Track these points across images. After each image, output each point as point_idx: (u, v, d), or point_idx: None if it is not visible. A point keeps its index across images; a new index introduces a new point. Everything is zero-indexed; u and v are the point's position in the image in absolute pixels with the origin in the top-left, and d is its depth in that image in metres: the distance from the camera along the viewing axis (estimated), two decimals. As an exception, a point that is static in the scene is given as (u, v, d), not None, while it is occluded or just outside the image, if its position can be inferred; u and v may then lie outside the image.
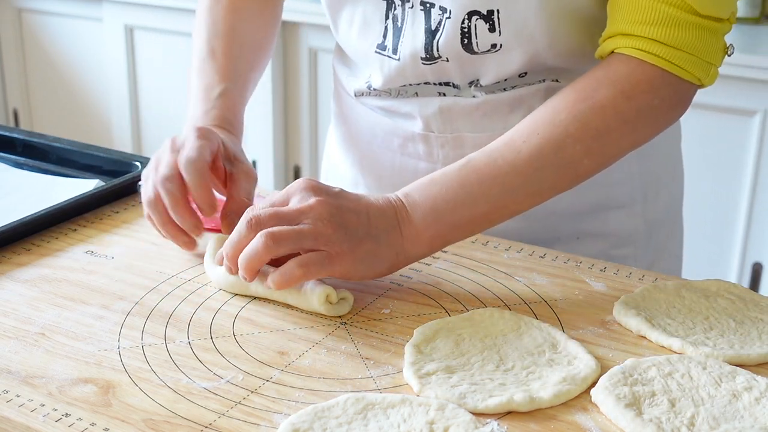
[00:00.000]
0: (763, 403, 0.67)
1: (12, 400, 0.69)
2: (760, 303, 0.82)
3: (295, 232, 0.77)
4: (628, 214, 1.04)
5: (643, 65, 0.84)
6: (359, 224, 0.79)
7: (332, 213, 0.78)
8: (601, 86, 0.84)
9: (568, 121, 0.84)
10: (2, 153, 1.17)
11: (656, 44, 0.84)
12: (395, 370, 0.73)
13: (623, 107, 0.84)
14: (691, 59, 0.84)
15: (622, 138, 0.86)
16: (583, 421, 0.67)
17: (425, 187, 0.83)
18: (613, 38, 0.86)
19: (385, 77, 0.99)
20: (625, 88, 0.84)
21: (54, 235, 0.97)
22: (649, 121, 0.86)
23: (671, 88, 0.86)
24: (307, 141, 2.60)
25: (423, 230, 0.82)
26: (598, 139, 0.84)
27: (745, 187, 2.07)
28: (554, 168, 0.84)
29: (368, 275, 0.81)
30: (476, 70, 0.95)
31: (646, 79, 0.85)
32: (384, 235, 0.80)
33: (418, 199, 0.82)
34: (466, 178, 0.83)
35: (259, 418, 0.67)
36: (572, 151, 0.84)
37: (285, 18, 2.45)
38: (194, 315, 0.81)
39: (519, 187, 0.84)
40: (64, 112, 3.02)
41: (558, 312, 0.82)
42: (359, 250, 0.79)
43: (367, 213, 0.80)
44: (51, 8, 2.91)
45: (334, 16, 1.02)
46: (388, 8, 0.96)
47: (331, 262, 0.78)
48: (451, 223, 0.83)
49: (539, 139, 0.83)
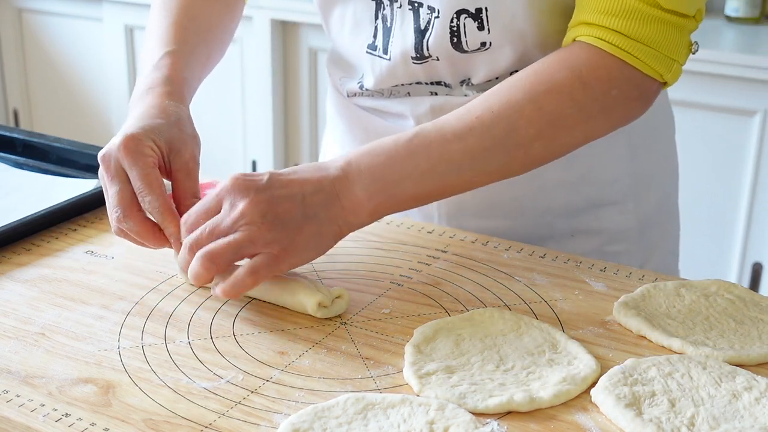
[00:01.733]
0: (763, 403, 0.67)
1: (12, 400, 0.69)
2: (760, 303, 0.82)
3: (231, 245, 0.76)
4: (620, 211, 1.04)
5: (601, 54, 0.84)
6: (294, 210, 0.78)
7: (263, 212, 0.77)
8: (560, 70, 0.84)
9: (523, 102, 0.83)
10: (2, 153, 1.17)
11: (616, 35, 0.83)
12: (395, 370, 0.73)
13: (579, 93, 0.83)
14: (651, 53, 0.84)
15: (576, 125, 0.85)
16: (583, 421, 0.67)
17: (371, 155, 0.81)
18: (577, 27, 0.86)
19: (376, 77, 0.99)
20: (582, 74, 0.83)
21: (54, 235, 0.97)
22: (604, 112, 0.85)
23: (629, 80, 0.85)
24: (307, 141, 2.60)
25: (365, 201, 0.80)
26: (552, 124, 0.83)
27: (745, 187, 2.07)
28: (504, 149, 0.83)
29: (317, 256, 0.80)
30: (467, 68, 0.95)
31: (605, 68, 0.84)
32: (323, 211, 0.79)
33: (362, 168, 0.81)
34: (414, 151, 0.82)
35: (259, 418, 0.67)
36: (524, 134, 0.82)
37: (285, 18, 2.47)
38: (194, 315, 0.81)
39: (467, 166, 0.82)
40: (64, 112, 3.02)
41: (558, 312, 0.82)
42: (300, 239, 0.78)
43: (302, 193, 0.78)
44: (51, 8, 2.91)
45: (326, 16, 1.02)
46: (377, 8, 0.96)
47: (277, 261, 0.77)
48: (395, 195, 0.81)
49: (492, 117, 0.82)
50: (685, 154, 1.16)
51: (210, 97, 2.58)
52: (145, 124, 0.86)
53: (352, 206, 0.80)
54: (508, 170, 0.85)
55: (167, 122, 0.87)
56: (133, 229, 0.83)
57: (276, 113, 2.58)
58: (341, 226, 0.80)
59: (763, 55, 1.94)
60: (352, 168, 0.81)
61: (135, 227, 0.83)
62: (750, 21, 2.19)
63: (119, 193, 0.83)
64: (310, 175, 0.80)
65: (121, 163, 0.84)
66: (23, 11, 2.98)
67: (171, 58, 0.95)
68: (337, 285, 0.85)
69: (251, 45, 2.53)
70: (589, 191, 1.02)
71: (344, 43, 1.01)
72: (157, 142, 0.85)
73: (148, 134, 0.85)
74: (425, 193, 0.83)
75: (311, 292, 0.80)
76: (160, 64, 0.94)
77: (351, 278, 0.88)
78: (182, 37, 0.98)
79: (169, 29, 0.99)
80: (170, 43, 0.97)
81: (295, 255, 0.78)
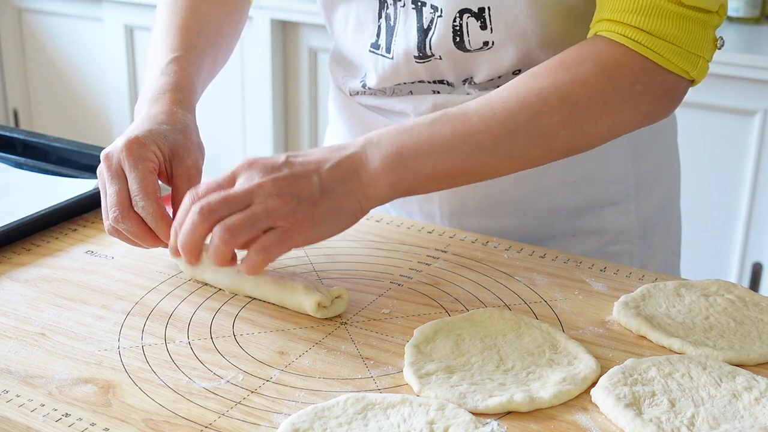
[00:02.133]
0: (763, 403, 0.67)
1: (12, 400, 0.69)
2: (760, 303, 0.82)
3: (247, 217, 0.75)
4: (622, 211, 1.04)
5: (624, 49, 0.84)
6: (312, 186, 0.77)
7: (281, 186, 0.76)
8: (585, 61, 0.84)
9: (548, 90, 0.82)
10: (2, 153, 1.17)
11: (638, 32, 0.83)
12: (395, 370, 0.73)
13: (604, 85, 0.83)
14: (675, 50, 0.84)
15: (601, 117, 0.84)
16: (583, 421, 0.67)
17: (393, 133, 0.81)
18: (599, 23, 0.86)
19: (379, 76, 0.99)
20: (607, 67, 0.83)
21: (54, 235, 0.97)
22: (630, 106, 0.85)
23: (655, 76, 0.85)
24: (307, 141, 2.60)
25: (383, 174, 0.80)
26: (577, 113, 0.83)
27: (745, 187, 2.07)
28: (528, 134, 0.82)
29: (334, 232, 0.79)
30: (469, 68, 0.95)
31: (628, 64, 0.84)
32: (341, 185, 0.78)
33: (382, 143, 0.80)
34: (438, 131, 0.81)
35: (259, 418, 0.67)
36: (548, 121, 0.82)
37: (285, 18, 2.47)
38: (194, 315, 0.81)
39: (489, 148, 0.82)
40: (64, 112, 3.02)
41: (558, 312, 0.82)
42: (317, 212, 0.77)
43: (318, 170, 0.78)
44: (51, 8, 2.91)
45: (328, 16, 1.03)
46: (380, 7, 0.96)
47: (289, 235, 0.76)
48: (414, 170, 0.80)
49: (517, 102, 0.82)
50: (685, 154, 1.16)
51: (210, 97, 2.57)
52: (151, 128, 0.87)
53: (371, 180, 0.79)
54: (530, 157, 0.85)
55: (173, 128, 0.88)
56: (130, 229, 0.83)
57: (276, 113, 2.58)
58: (360, 201, 0.80)
59: (763, 55, 1.94)
60: (371, 143, 0.81)
61: (132, 227, 0.82)
62: (750, 21, 2.19)
63: (118, 194, 0.83)
64: (328, 153, 0.80)
65: (122, 164, 0.84)
66: (23, 11, 2.98)
67: (179, 64, 0.95)
68: (337, 285, 0.85)
69: (251, 45, 2.53)
70: (591, 191, 1.02)
71: (347, 42, 1.01)
72: (161, 147, 0.86)
73: (152, 138, 0.85)
74: (444, 172, 0.82)
75: (310, 293, 0.80)
76: (168, 70, 0.95)
77: (351, 278, 0.88)
78: (190, 42, 0.98)
79: (176, 32, 0.99)
80: (178, 48, 0.97)
81: (309, 230, 0.77)
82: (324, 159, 0.79)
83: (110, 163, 0.85)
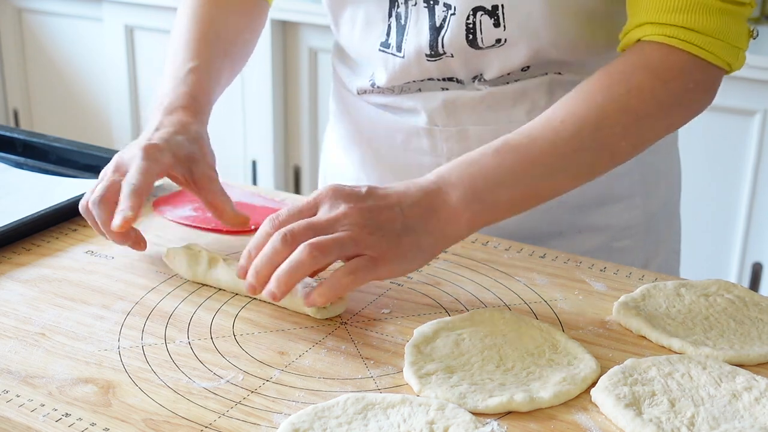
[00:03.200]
0: (763, 403, 0.67)
1: (12, 400, 0.69)
2: (760, 303, 0.82)
3: (336, 240, 0.74)
4: (628, 207, 1.05)
5: (674, 51, 0.85)
6: (395, 220, 0.77)
7: (366, 216, 0.76)
8: (636, 71, 0.85)
9: (605, 103, 0.83)
10: (2, 153, 1.17)
11: (685, 31, 0.85)
12: (395, 370, 0.73)
13: (659, 91, 0.84)
14: (719, 44, 0.86)
15: (659, 121, 0.86)
16: (583, 421, 0.67)
17: (461, 167, 0.81)
18: (640, 27, 0.87)
19: (389, 75, 0.99)
20: (660, 72, 0.85)
21: (54, 235, 0.97)
22: (684, 106, 0.87)
23: (703, 72, 0.87)
24: (307, 141, 2.60)
25: (461, 211, 0.79)
26: (637, 122, 0.84)
27: (745, 187, 2.07)
28: (593, 149, 0.83)
29: (413, 268, 0.79)
30: (480, 65, 0.96)
31: (679, 64, 0.85)
32: (421, 224, 0.78)
33: (454, 180, 0.80)
34: (505, 158, 0.81)
35: (259, 418, 0.67)
36: (610, 132, 0.83)
37: (285, 18, 2.47)
38: (194, 315, 0.81)
39: (558, 168, 0.83)
40: (64, 112, 3.02)
41: (558, 312, 0.82)
42: (401, 247, 0.77)
43: (400, 205, 0.78)
44: (51, 8, 2.91)
45: (335, 16, 1.03)
46: (391, 6, 0.97)
47: (376, 265, 0.76)
48: (490, 203, 0.80)
49: (577, 119, 0.83)
50: (685, 153, 1.17)
51: (210, 97, 2.57)
52: (168, 138, 0.90)
53: (449, 218, 0.79)
54: (597, 170, 0.86)
55: (188, 138, 0.91)
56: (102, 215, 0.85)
57: (276, 113, 2.58)
58: (438, 239, 0.79)
59: (763, 55, 1.94)
60: (444, 181, 0.80)
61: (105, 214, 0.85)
62: (750, 21, 2.19)
63: (113, 182, 0.86)
64: (405, 189, 0.79)
65: (133, 162, 0.87)
66: (23, 11, 2.98)
67: (196, 75, 0.97)
68: None
69: (251, 45, 2.53)
70: (597, 187, 1.02)
71: (355, 41, 1.02)
72: (177, 155, 0.89)
73: (169, 147, 0.89)
74: (520, 199, 0.82)
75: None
76: (187, 80, 0.96)
77: (351, 278, 0.88)
78: (208, 52, 1.00)
79: (195, 43, 1.00)
80: (196, 58, 0.99)
81: (394, 262, 0.77)
82: (404, 194, 0.79)
83: (120, 161, 0.88)
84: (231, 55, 1.04)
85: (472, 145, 1.00)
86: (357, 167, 1.10)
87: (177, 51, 1.01)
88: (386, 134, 1.05)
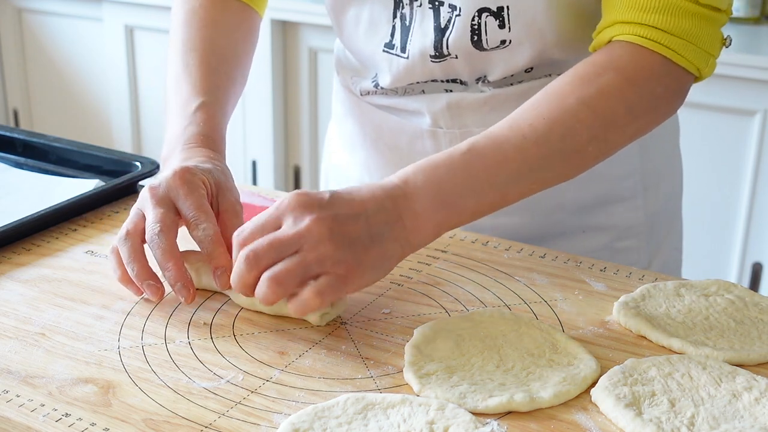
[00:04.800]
0: (763, 403, 0.67)
1: (12, 400, 0.69)
2: (760, 303, 0.82)
3: (299, 264, 0.72)
4: (630, 207, 1.05)
5: (644, 52, 0.84)
6: (360, 230, 0.75)
7: (331, 229, 0.73)
8: (605, 72, 0.83)
9: (576, 106, 0.82)
10: (2, 153, 1.17)
11: (657, 31, 0.83)
12: (395, 370, 0.73)
13: (628, 93, 0.83)
14: (691, 48, 0.84)
15: (627, 125, 0.85)
16: (583, 421, 0.67)
17: (428, 170, 0.79)
18: (612, 27, 0.86)
19: (393, 76, 0.99)
20: (629, 74, 0.83)
21: (54, 235, 0.97)
22: (651, 109, 0.86)
23: (672, 76, 0.85)
24: (307, 141, 2.60)
25: (427, 219, 0.78)
26: (605, 126, 0.83)
27: (745, 187, 2.07)
28: (561, 155, 0.82)
29: (379, 277, 0.77)
30: (484, 66, 0.96)
31: (649, 66, 0.84)
32: (387, 231, 0.76)
33: (420, 185, 0.78)
34: (472, 164, 0.79)
35: (259, 418, 0.67)
36: (579, 138, 0.82)
37: (285, 18, 2.47)
38: (194, 315, 0.81)
39: (525, 174, 0.81)
40: (64, 112, 3.02)
41: (558, 312, 0.82)
42: (367, 260, 0.74)
43: (365, 213, 0.76)
44: (51, 8, 2.91)
45: (338, 16, 1.02)
46: (395, 7, 0.97)
47: (344, 282, 0.74)
48: (455, 210, 0.79)
49: (545, 123, 0.81)
50: (685, 153, 1.17)
51: (210, 97, 2.57)
52: (196, 164, 0.86)
53: (414, 225, 0.78)
54: (564, 175, 0.85)
55: (214, 167, 0.87)
56: (162, 245, 0.79)
57: (276, 113, 2.58)
58: (403, 246, 0.78)
59: (763, 55, 1.94)
60: (409, 186, 0.78)
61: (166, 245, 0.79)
62: (750, 21, 2.18)
63: (164, 214, 0.81)
64: (371, 194, 0.77)
65: (172, 192, 0.82)
66: (23, 11, 2.98)
67: (206, 112, 0.93)
68: None
69: (251, 45, 2.53)
70: (600, 188, 1.02)
71: (358, 42, 1.01)
72: (209, 180, 0.85)
73: (201, 170, 0.85)
74: (486, 205, 0.81)
75: None
76: (196, 119, 0.92)
77: (351, 278, 0.88)
78: (213, 83, 0.96)
79: (198, 73, 0.96)
80: (202, 92, 0.94)
81: (362, 276, 0.75)
82: (367, 200, 0.77)
83: (156, 191, 0.82)
84: (234, 80, 1.00)
85: None
86: (361, 168, 1.10)
87: (179, 83, 0.96)
88: (390, 136, 1.05)
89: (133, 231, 0.82)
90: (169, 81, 0.98)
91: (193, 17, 1.01)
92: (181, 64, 0.98)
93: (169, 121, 0.95)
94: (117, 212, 1.02)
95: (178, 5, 1.03)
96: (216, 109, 0.94)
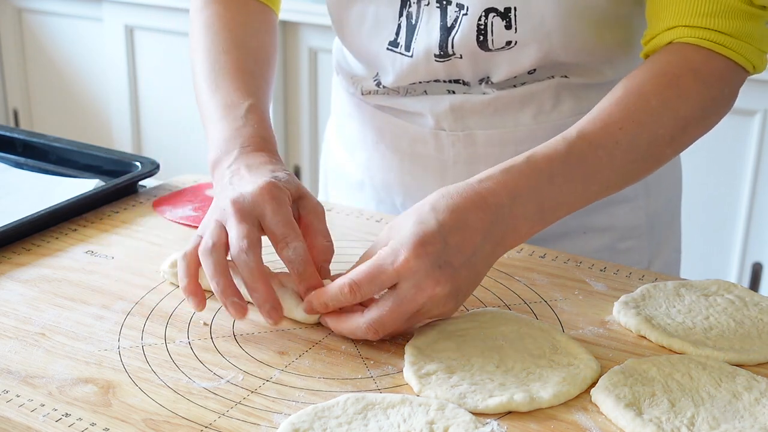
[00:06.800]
0: (763, 403, 0.67)
1: (12, 400, 0.69)
2: (760, 303, 0.82)
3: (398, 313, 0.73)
4: (631, 208, 1.05)
5: (711, 54, 0.85)
6: (472, 276, 0.75)
7: (451, 292, 0.73)
8: (683, 73, 0.84)
9: (659, 109, 0.82)
10: (2, 153, 1.17)
11: (719, 34, 0.85)
12: (395, 370, 0.73)
13: (704, 95, 0.84)
14: (750, 49, 0.86)
15: (698, 127, 0.86)
16: (583, 421, 0.67)
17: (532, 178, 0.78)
18: (671, 30, 0.87)
19: (396, 74, 0.99)
20: (704, 75, 0.85)
21: (54, 235, 0.97)
22: (718, 110, 0.87)
23: (736, 76, 0.87)
24: (307, 141, 2.60)
25: (524, 236, 0.78)
26: (684, 129, 0.84)
27: (745, 187, 2.07)
28: (645, 160, 0.83)
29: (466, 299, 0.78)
30: (488, 67, 0.95)
31: (718, 68, 0.85)
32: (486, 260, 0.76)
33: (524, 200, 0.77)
34: (573, 174, 0.79)
35: (259, 418, 0.67)
36: (662, 142, 0.83)
37: (285, 18, 2.47)
38: (194, 315, 0.81)
39: (614, 182, 0.83)
40: (64, 112, 3.02)
41: (558, 312, 0.82)
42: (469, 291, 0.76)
43: (475, 253, 0.75)
44: (51, 8, 2.91)
45: (340, 15, 1.02)
46: (402, 6, 0.96)
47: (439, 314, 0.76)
48: (548, 223, 0.80)
49: (635, 127, 0.81)
50: (685, 153, 1.16)
51: (210, 97, 2.57)
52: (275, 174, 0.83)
53: (511, 244, 0.78)
54: (641, 178, 0.86)
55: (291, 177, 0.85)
56: (250, 263, 0.76)
57: (276, 113, 2.58)
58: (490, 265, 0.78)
59: (763, 55, 1.94)
60: (517, 207, 0.77)
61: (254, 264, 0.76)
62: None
63: (250, 231, 0.77)
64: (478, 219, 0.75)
65: (258, 208, 0.79)
66: (23, 11, 2.98)
67: (257, 114, 0.91)
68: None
69: (251, 45, 2.53)
70: None
71: (361, 41, 1.01)
72: (291, 191, 0.82)
73: (284, 184, 0.82)
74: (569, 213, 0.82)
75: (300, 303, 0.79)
76: (250, 120, 0.90)
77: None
78: (255, 85, 0.95)
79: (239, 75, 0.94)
80: (248, 93, 0.92)
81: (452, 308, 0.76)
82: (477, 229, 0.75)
83: (241, 206, 0.79)
84: (270, 82, 1.00)
85: (479, 149, 1.00)
86: (362, 170, 1.10)
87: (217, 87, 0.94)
88: (392, 137, 1.05)
89: (219, 244, 0.78)
90: (200, 83, 0.96)
91: (218, 20, 1.00)
92: (213, 66, 0.96)
93: (212, 122, 0.91)
94: (117, 212, 1.02)
95: (198, 9, 1.02)
96: (264, 110, 0.93)
